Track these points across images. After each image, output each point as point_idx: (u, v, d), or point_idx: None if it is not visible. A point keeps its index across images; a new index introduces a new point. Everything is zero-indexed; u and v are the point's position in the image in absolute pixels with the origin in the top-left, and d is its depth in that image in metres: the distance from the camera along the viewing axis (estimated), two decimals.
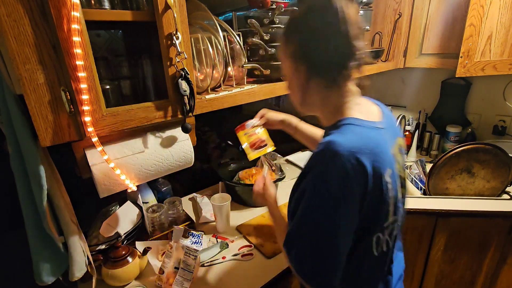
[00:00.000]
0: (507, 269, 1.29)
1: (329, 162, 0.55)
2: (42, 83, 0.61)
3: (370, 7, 1.51)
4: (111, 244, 0.91)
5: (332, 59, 0.60)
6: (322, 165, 0.56)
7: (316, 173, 0.57)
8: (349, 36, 0.58)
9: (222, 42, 0.91)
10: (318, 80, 0.63)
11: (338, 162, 0.54)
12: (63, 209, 0.76)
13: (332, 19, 0.57)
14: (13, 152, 0.69)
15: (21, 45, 0.57)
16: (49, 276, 0.77)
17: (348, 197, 0.56)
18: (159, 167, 0.85)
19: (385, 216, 0.63)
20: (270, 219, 0.84)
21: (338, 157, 0.54)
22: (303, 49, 0.61)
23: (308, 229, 0.58)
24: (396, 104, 1.89)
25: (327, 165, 0.55)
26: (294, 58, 0.63)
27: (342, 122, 0.62)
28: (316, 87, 0.64)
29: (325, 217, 0.56)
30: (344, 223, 0.57)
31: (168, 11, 0.72)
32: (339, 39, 0.58)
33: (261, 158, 1.40)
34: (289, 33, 0.64)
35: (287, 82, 0.70)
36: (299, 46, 0.62)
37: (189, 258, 0.86)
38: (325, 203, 0.56)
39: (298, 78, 0.65)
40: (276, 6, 1.03)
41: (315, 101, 0.67)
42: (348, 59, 0.60)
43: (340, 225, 0.57)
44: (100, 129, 0.69)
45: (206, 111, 0.89)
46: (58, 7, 0.58)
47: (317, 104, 0.67)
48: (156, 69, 0.85)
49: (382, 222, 0.63)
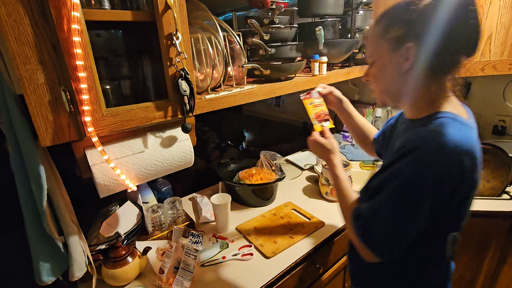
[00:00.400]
0: (507, 269, 1.29)
1: (435, 154, 0.55)
2: (42, 83, 0.61)
3: (370, 7, 1.51)
4: (111, 244, 0.91)
5: (449, 48, 0.59)
6: (427, 154, 0.56)
7: (418, 161, 0.57)
8: (478, 30, 0.58)
9: (222, 42, 0.91)
10: (423, 67, 0.61)
11: (443, 155, 0.55)
12: (63, 209, 0.77)
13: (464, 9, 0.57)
14: (13, 152, 0.69)
15: (21, 45, 0.57)
16: (49, 276, 0.77)
17: (442, 190, 0.57)
18: (159, 167, 0.85)
19: (464, 215, 0.65)
20: (332, 175, 0.80)
21: (444, 150, 0.54)
22: (417, 33, 0.59)
23: (391, 210, 0.59)
24: None
25: (432, 156, 0.55)
26: (401, 42, 0.61)
27: (441, 115, 0.61)
28: (418, 75, 0.63)
29: (413, 205, 0.58)
30: (427, 214, 0.58)
31: (168, 11, 0.72)
32: (467, 30, 0.58)
33: (261, 158, 1.41)
34: (400, 14, 0.62)
35: (375, 67, 0.68)
36: (414, 29, 0.60)
37: (189, 258, 0.86)
38: (418, 192, 0.57)
39: (397, 64, 0.63)
40: (276, 6, 1.03)
41: (409, 90, 0.65)
42: (463, 53, 0.60)
43: (423, 215, 0.58)
44: (100, 129, 0.69)
45: (206, 111, 0.89)
46: (58, 7, 0.58)
47: (410, 93, 0.66)
48: (156, 69, 0.85)
49: (461, 221, 0.66)
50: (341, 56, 1.35)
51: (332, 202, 1.29)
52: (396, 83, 0.66)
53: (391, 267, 0.72)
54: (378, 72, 0.68)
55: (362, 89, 2.00)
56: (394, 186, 0.59)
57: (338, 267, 1.22)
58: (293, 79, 1.17)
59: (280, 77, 1.14)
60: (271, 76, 1.08)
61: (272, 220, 1.17)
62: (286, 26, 1.12)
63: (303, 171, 1.60)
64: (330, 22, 1.29)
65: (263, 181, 1.26)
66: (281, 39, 1.10)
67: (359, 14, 1.39)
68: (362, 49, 1.44)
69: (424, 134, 0.58)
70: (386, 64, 0.66)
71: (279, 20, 1.09)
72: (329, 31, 1.30)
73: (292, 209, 1.24)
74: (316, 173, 1.55)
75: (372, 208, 0.62)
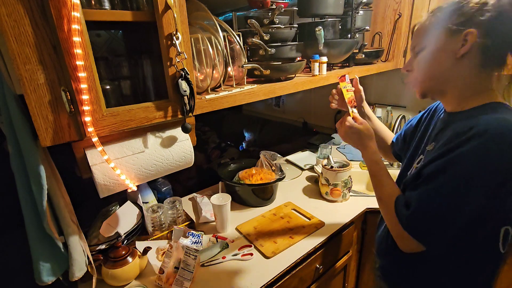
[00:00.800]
0: (507, 269, 1.29)
1: (502, 140, 0.55)
2: (42, 83, 0.61)
3: (370, 7, 1.51)
4: (111, 244, 0.91)
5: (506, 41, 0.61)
6: (493, 140, 0.55)
7: (484, 146, 0.56)
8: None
9: (222, 42, 0.91)
10: (477, 57, 0.62)
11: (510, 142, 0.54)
12: (63, 209, 0.77)
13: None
14: (13, 152, 0.69)
15: (22, 45, 0.57)
16: (49, 276, 0.77)
17: (505, 176, 0.56)
18: (159, 167, 0.85)
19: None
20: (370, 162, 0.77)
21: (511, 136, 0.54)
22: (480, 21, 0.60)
23: (449, 198, 0.59)
24: (396, 104, 1.89)
25: (499, 141, 0.55)
26: (461, 27, 0.62)
27: (498, 105, 0.62)
28: (470, 63, 0.63)
29: (473, 192, 0.57)
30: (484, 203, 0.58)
31: (168, 11, 0.72)
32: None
33: (261, 158, 1.41)
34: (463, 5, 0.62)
35: (423, 54, 0.69)
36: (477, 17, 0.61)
37: (189, 258, 0.86)
38: (481, 177, 0.56)
39: (451, 50, 0.64)
40: (276, 6, 1.03)
41: (458, 78, 0.66)
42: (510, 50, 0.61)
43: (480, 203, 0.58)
44: (100, 129, 0.69)
45: (206, 111, 0.89)
46: (58, 7, 0.58)
47: (458, 81, 0.66)
48: (156, 69, 0.85)
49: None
50: (341, 56, 1.35)
51: (332, 202, 1.30)
52: (446, 70, 0.66)
53: (434, 260, 0.70)
54: (428, 58, 0.68)
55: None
56: (455, 172, 0.58)
57: (338, 267, 1.22)
58: (293, 79, 1.17)
59: (280, 77, 1.14)
60: (271, 76, 1.08)
61: (272, 220, 1.17)
62: (286, 26, 1.12)
63: (303, 171, 1.60)
64: (330, 22, 1.29)
65: (263, 181, 1.26)
66: (281, 39, 1.10)
67: (359, 14, 1.39)
68: (362, 49, 1.44)
69: (489, 121, 0.57)
70: (439, 50, 0.66)
71: (279, 20, 1.09)
72: (329, 31, 1.30)
73: (292, 209, 1.24)
74: (316, 173, 1.55)
75: (426, 196, 0.61)
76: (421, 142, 0.81)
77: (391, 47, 1.61)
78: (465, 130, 0.59)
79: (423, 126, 0.84)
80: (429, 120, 0.84)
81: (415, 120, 0.91)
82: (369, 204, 1.26)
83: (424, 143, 0.79)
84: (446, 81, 0.68)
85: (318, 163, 1.59)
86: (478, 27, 0.61)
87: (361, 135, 0.79)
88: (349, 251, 1.27)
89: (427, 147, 0.75)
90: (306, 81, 1.17)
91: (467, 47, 0.62)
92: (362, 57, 1.44)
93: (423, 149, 0.77)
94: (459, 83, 0.67)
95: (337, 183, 1.25)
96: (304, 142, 1.94)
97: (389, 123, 1.83)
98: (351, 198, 1.32)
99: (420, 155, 0.77)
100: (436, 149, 0.66)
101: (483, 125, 0.57)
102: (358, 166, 1.61)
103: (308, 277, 1.07)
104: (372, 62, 1.57)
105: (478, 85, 0.65)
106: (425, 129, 0.83)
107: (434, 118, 0.81)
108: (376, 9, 1.61)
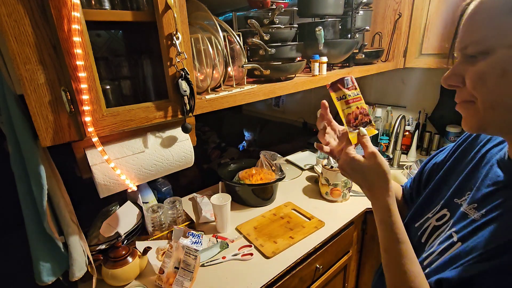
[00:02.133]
0: None
1: None
2: (42, 83, 0.61)
3: (370, 7, 1.51)
4: (111, 244, 0.91)
5: None
6: None
7: None
8: None
9: (222, 42, 0.91)
10: None
11: None
12: (63, 209, 0.77)
13: None
14: (13, 152, 0.69)
15: (22, 45, 0.57)
16: (49, 276, 0.77)
17: None
18: (159, 167, 0.85)
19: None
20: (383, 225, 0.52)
21: None
22: None
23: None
24: (396, 104, 1.89)
25: None
26: None
27: None
28: None
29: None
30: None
31: (168, 11, 0.72)
32: None
33: (261, 158, 1.41)
34: None
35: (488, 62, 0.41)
36: None
37: (189, 258, 0.86)
38: None
39: None
40: (276, 6, 1.03)
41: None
42: None
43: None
44: (100, 129, 0.69)
45: (206, 111, 0.89)
46: (58, 7, 0.58)
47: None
48: (156, 69, 0.85)
49: None
50: (341, 56, 1.36)
51: (332, 202, 1.30)
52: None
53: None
54: (494, 71, 0.40)
55: (362, 89, 2.00)
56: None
57: (338, 267, 1.22)
58: (293, 79, 1.17)
59: (280, 77, 1.14)
60: (271, 76, 1.08)
61: (272, 220, 1.17)
62: (286, 26, 1.12)
63: (303, 171, 1.61)
64: (330, 22, 1.29)
65: (263, 181, 1.26)
66: (281, 39, 1.10)
67: (359, 14, 1.39)
68: (362, 49, 1.44)
69: None
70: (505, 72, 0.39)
71: (279, 20, 1.09)
72: (329, 31, 1.30)
73: (292, 209, 1.24)
74: (316, 173, 1.55)
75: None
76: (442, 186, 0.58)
77: (391, 47, 1.61)
78: None
79: (448, 164, 0.61)
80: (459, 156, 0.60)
81: (441, 156, 0.66)
82: (369, 204, 1.25)
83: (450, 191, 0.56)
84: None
85: (318, 163, 1.59)
86: None
87: (369, 176, 0.53)
88: (349, 251, 1.27)
89: (456, 199, 0.53)
90: (306, 81, 1.18)
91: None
92: (362, 57, 1.44)
93: (448, 200, 0.55)
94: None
95: (337, 183, 1.25)
96: (304, 142, 1.94)
97: (389, 123, 1.83)
98: (351, 198, 1.32)
99: (442, 208, 0.55)
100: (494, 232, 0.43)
101: None
102: None
103: (308, 277, 1.07)
104: (372, 62, 1.57)
105: None
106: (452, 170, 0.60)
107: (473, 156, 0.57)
108: (376, 9, 1.61)
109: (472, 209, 0.49)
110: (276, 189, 1.32)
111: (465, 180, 0.54)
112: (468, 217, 0.48)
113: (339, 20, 1.35)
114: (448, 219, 0.52)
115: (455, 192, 0.55)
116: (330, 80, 1.27)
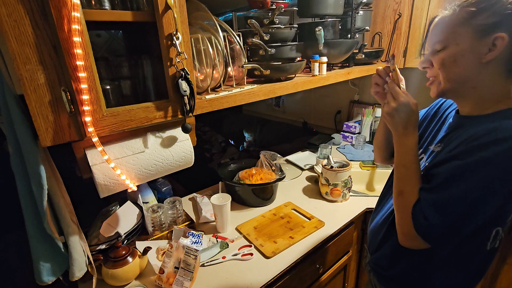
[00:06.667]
0: (507, 269, 1.29)
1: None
2: (42, 83, 0.61)
3: (370, 7, 1.51)
4: (111, 244, 0.91)
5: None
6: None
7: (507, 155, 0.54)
8: None
9: (222, 42, 0.91)
10: (504, 63, 0.59)
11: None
12: (63, 209, 0.77)
13: None
14: (14, 152, 0.69)
15: (22, 45, 0.57)
16: (49, 276, 0.77)
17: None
18: (159, 167, 0.85)
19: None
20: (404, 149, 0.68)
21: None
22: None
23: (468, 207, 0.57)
24: None
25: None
26: (489, 30, 0.57)
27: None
28: (495, 69, 0.60)
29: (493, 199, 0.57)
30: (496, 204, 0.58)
31: (168, 11, 0.72)
32: None
33: (261, 158, 1.41)
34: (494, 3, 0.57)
35: (445, 54, 0.63)
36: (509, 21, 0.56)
37: (189, 258, 0.86)
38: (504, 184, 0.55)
39: (477, 53, 0.59)
40: (276, 6, 1.03)
41: (479, 84, 0.62)
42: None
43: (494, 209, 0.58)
44: (100, 129, 0.69)
45: (206, 111, 0.89)
46: (58, 7, 0.58)
47: (479, 87, 0.63)
48: (156, 69, 0.85)
49: (509, 216, 0.66)
50: (341, 56, 1.36)
51: (332, 202, 1.30)
52: (469, 73, 0.62)
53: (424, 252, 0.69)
54: (449, 59, 0.63)
55: (362, 89, 2.01)
56: (478, 179, 0.56)
57: (338, 267, 1.22)
58: (293, 79, 1.17)
59: (280, 77, 1.14)
60: (271, 76, 1.08)
61: (272, 220, 1.17)
62: (286, 26, 1.12)
63: (303, 171, 1.61)
64: (330, 22, 1.29)
65: (263, 181, 1.26)
66: (281, 39, 1.10)
67: (359, 14, 1.39)
68: (362, 49, 1.44)
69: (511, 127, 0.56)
70: (464, 52, 0.60)
71: (279, 20, 1.09)
72: (329, 31, 1.30)
73: (292, 209, 1.24)
74: (316, 173, 1.55)
75: (446, 204, 0.59)
76: (421, 140, 0.79)
77: (391, 47, 1.61)
78: (484, 133, 0.57)
79: (424, 124, 0.83)
80: (431, 118, 0.82)
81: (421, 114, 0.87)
82: (369, 204, 1.26)
83: (427, 142, 0.78)
84: (466, 85, 0.64)
85: (318, 163, 1.59)
86: (509, 31, 0.56)
87: (411, 115, 0.67)
88: (349, 251, 1.27)
89: (430, 146, 0.74)
90: (306, 81, 1.18)
91: (494, 53, 0.58)
92: (362, 57, 1.44)
93: (426, 148, 0.76)
94: (480, 88, 0.63)
95: (337, 183, 1.25)
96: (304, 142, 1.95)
97: None
98: (351, 198, 1.32)
99: (421, 154, 0.77)
100: (448, 150, 0.64)
101: (506, 130, 0.55)
102: (358, 166, 1.61)
103: (308, 277, 1.07)
104: (372, 62, 1.57)
105: (501, 91, 0.62)
106: (427, 127, 0.81)
107: (439, 117, 0.79)
108: (376, 9, 1.61)
109: (436, 146, 0.72)
110: (276, 189, 1.32)
111: (435, 133, 0.77)
112: (434, 151, 0.72)
113: (339, 20, 1.35)
114: (424, 159, 0.74)
115: (429, 142, 0.77)
116: (329, 80, 1.28)
